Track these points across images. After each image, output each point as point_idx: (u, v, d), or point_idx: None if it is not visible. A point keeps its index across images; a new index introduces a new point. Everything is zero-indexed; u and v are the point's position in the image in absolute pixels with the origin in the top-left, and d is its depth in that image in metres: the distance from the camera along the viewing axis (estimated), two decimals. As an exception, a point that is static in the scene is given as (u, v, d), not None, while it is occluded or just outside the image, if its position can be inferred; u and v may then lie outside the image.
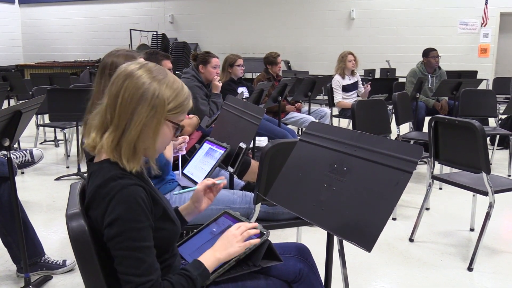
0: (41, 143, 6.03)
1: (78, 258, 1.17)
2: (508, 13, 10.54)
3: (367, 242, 1.18)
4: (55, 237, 3.03)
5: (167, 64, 2.79)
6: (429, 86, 5.51)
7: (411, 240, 2.99)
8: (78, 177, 4.38)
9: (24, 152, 2.99)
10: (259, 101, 4.06)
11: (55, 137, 6.11)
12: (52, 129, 5.78)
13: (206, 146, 2.33)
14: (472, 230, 3.18)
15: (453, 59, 10.14)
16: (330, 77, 5.85)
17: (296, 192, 1.45)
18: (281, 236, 2.96)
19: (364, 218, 1.22)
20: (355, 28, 11.72)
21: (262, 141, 4.15)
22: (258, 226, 1.41)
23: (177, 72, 6.64)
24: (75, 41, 14.66)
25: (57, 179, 4.38)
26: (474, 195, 3.16)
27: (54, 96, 4.26)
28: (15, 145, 4.43)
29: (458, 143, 2.72)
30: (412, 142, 4.14)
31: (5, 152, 2.12)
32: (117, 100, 1.21)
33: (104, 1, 14.17)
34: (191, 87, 3.56)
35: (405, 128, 4.87)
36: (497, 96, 4.96)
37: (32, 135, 5.94)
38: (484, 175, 2.56)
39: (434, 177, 3.02)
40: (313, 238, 2.79)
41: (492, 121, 5.54)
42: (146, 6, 13.82)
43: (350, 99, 5.49)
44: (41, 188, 4.16)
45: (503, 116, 5.48)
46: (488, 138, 4.22)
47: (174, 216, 1.34)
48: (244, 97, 4.23)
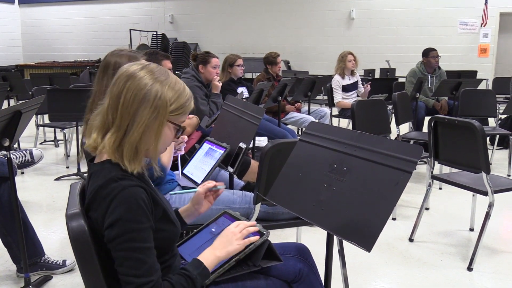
0: (41, 143, 6.02)
1: (78, 258, 1.18)
2: (508, 13, 10.55)
3: (367, 242, 1.18)
4: (55, 237, 3.03)
5: (167, 64, 2.79)
6: (429, 86, 5.51)
7: (411, 240, 2.99)
8: (78, 177, 4.38)
9: (24, 152, 2.99)
10: (259, 101, 4.06)
11: (55, 137, 6.11)
12: (52, 129, 5.78)
13: (206, 146, 2.33)
14: (472, 230, 3.18)
15: (453, 59, 10.14)
16: (330, 77, 5.85)
17: (296, 192, 1.45)
18: (281, 236, 2.97)
19: (364, 218, 1.22)
20: (355, 28, 11.72)
21: (262, 141, 4.15)
22: (258, 226, 1.41)
23: (177, 72, 6.64)
24: (75, 41, 14.66)
25: (57, 179, 4.38)
26: (473, 195, 3.16)
27: (54, 96, 4.26)
28: (15, 145, 4.43)
29: (458, 143, 2.72)
30: (411, 142, 4.14)
31: (5, 152, 2.12)
32: (119, 101, 1.21)
33: (104, 1, 14.17)
34: (191, 87, 3.56)
35: (405, 128, 4.87)
36: (496, 96, 4.96)
37: (32, 135, 5.94)
38: (483, 175, 2.56)
39: (434, 177, 3.02)
40: (313, 238, 2.79)
41: (492, 121, 5.54)
42: (146, 6, 13.82)
43: (350, 99, 5.49)
44: (41, 188, 4.16)
45: (502, 116, 5.48)
46: (487, 138, 4.22)
47: (174, 217, 1.34)
48: (244, 97, 4.23)
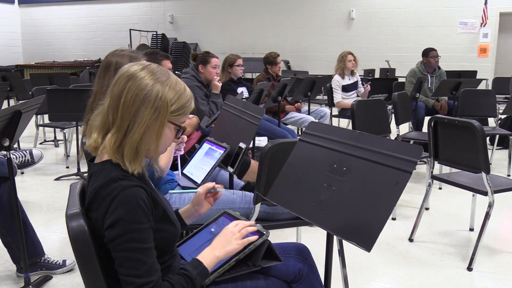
0: (40, 143, 6.02)
1: (78, 258, 1.18)
2: (508, 13, 10.55)
3: (367, 242, 1.18)
4: (55, 237, 3.03)
5: (167, 64, 2.78)
6: (429, 86, 5.51)
7: (410, 240, 2.99)
8: (78, 177, 4.38)
9: (24, 152, 2.99)
10: (259, 101, 4.06)
11: (54, 137, 6.11)
12: (52, 129, 5.78)
13: (205, 146, 2.33)
14: (471, 230, 3.18)
15: (453, 59, 10.14)
16: (330, 77, 5.85)
17: (296, 192, 1.45)
18: (281, 236, 2.97)
19: (363, 218, 1.22)
20: (354, 28, 11.72)
21: (261, 141, 4.15)
22: (258, 226, 1.41)
23: (176, 72, 6.64)
24: (74, 41, 14.66)
25: (57, 179, 4.38)
26: (473, 195, 3.16)
27: (54, 96, 4.26)
28: (15, 145, 4.43)
29: (458, 143, 2.72)
30: (411, 142, 4.14)
31: (5, 152, 2.12)
32: (119, 101, 1.21)
33: (103, 1, 14.17)
34: (191, 87, 3.55)
35: (405, 128, 4.87)
36: (496, 96, 4.97)
37: (32, 135, 5.94)
38: (483, 175, 2.56)
39: (433, 177, 3.02)
40: (313, 238, 2.80)
41: (491, 121, 5.54)
42: (145, 6, 13.82)
43: (350, 99, 5.49)
44: (40, 188, 4.15)
45: (502, 116, 5.48)
46: (487, 138, 4.22)
47: (174, 218, 1.34)
48: (243, 97, 4.23)
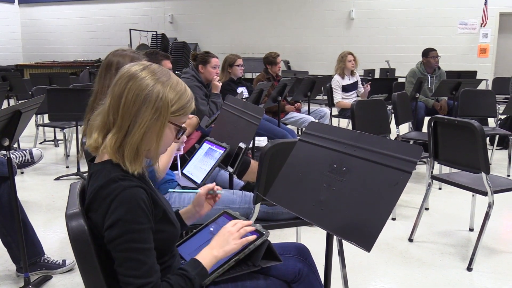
0: (40, 143, 6.02)
1: (77, 258, 1.17)
2: (508, 13, 10.55)
3: (367, 242, 1.18)
4: (54, 237, 3.03)
5: (167, 64, 2.79)
6: (429, 86, 5.51)
7: (410, 240, 2.99)
8: (78, 177, 4.38)
9: (23, 152, 2.99)
10: (259, 101, 4.06)
11: (54, 137, 6.11)
12: (52, 129, 5.78)
13: (205, 146, 2.33)
14: (471, 230, 3.18)
15: (453, 59, 10.14)
16: (330, 77, 5.85)
17: (296, 192, 1.45)
18: (281, 236, 2.97)
19: (363, 218, 1.23)
20: (354, 28, 11.72)
21: (261, 141, 4.15)
22: (258, 226, 1.41)
23: (176, 72, 6.64)
24: (74, 41, 14.65)
25: (57, 179, 4.38)
26: (473, 195, 3.16)
27: (54, 96, 4.26)
28: (15, 145, 4.43)
29: (458, 143, 2.72)
30: (411, 142, 4.14)
31: (5, 152, 2.12)
32: (120, 101, 1.20)
33: (103, 1, 14.16)
34: (191, 87, 3.55)
35: (405, 128, 4.87)
36: (496, 96, 4.97)
37: (32, 135, 5.94)
38: (483, 175, 2.56)
39: (433, 177, 3.02)
40: (313, 238, 2.80)
41: (491, 121, 5.54)
42: (145, 6, 13.82)
43: (350, 99, 5.49)
44: (40, 188, 4.15)
45: (502, 116, 5.48)
46: (487, 138, 4.22)
47: (174, 218, 1.34)
48: (243, 97, 4.23)
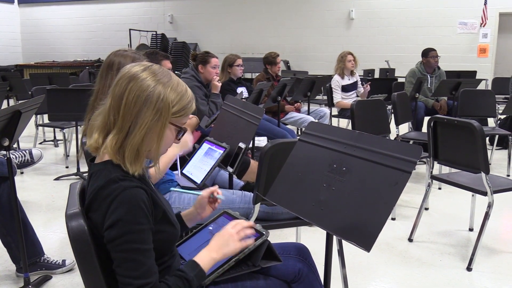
0: (40, 143, 6.02)
1: (77, 258, 1.17)
2: (507, 13, 10.55)
3: (366, 242, 1.18)
4: (54, 237, 3.03)
5: (166, 64, 2.79)
6: (428, 86, 5.51)
7: (410, 240, 2.99)
8: (78, 177, 4.38)
9: (23, 152, 2.99)
10: (259, 101, 4.06)
11: (54, 137, 6.10)
12: (52, 129, 5.77)
13: (205, 146, 2.33)
14: (471, 230, 3.18)
15: (452, 59, 10.14)
16: (330, 77, 5.85)
17: (296, 192, 1.45)
18: (281, 236, 2.97)
19: (363, 218, 1.23)
20: (354, 28, 11.73)
21: (261, 141, 4.15)
22: (258, 226, 1.41)
23: (176, 72, 6.63)
24: (74, 41, 14.65)
25: (57, 179, 4.38)
26: (473, 195, 3.16)
27: (54, 96, 4.26)
28: (15, 145, 4.43)
29: (457, 143, 2.73)
30: (411, 142, 4.15)
31: (5, 152, 2.12)
32: (121, 102, 1.20)
33: (103, 1, 14.16)
34: (191, 87, 3.53)
35: (404, 128, 4.88)
36: (496, 96, 4.97)
37: (32, 135, 5.94)
38: (483, 175, 2.56)
39: (433, 177, 3.02)
40: (313, 238, 2.80)
41: (491, 121, 5.55)
42: (145, 6, 13.82)
43: (350, 99, 5.50)
44: (40, 188, 4.15)
45: (502, 116, 5.48)
46: (487, 138, 4.22)
47: (174, 219, 1.34)
48: (243, 97, 4.23)
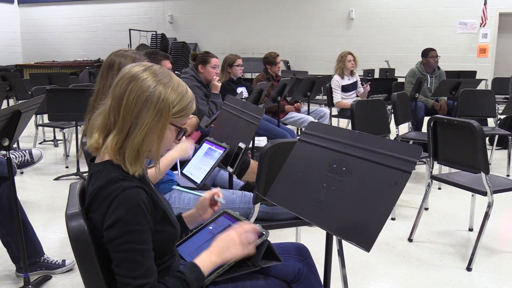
0: (40, 143, 6.02)
1: (77, 258, 1.17)
2: (507, 13, 10.56)
3: (366, 242, 1.18)
4: (54, 237, 3.03)
5: (166, 64, 2.79)
6: (428, 86, 5.51)
7: (410, 240, 2.99)
8: (78, 177, 4.38)
9: (23, 152, 2.99)
10: (258, 101, 4.06)
11: (54, 137, 6.10)
12: (51, 129, 5.77)
13: (205, 146, 2.33)
14: (471, 230, 3.18)
15: (452, 59, 10.14)
16: (329, 77, 5.86)
17: (295, 192, 1.45)
18: (280, 236, 2.97)
19: (363, 218, 1.23)
20: (354, 28, 11.73)
21: (261, 141, 4.15)
22: (258, 226, 1.41)
23: (176, 72, 6.63)
24: (74, 41, 14.65)
25: (56, 179, 4.38)
26: (473, 195, 3.16)
27: (54, 96, 4.26)
28: (15, 145, 4.43)
29: (457, 143, 2.73)
30: (411, 142, 4.15)
31: (5, 152, 2.12)
32: (121, 102, 1.20)
33: (103, 1, 14.16)
34: (191, 87, 3.54)
35: (404, 128, 4.88)
36: (496, 96, 4.97)
37: (31, 135, 5.94)
38: (483, 175, 2.56)
39: (433, 177, 3.02)
40: (312, 238, 2.80)
41: (491, 121, 5.55)
42: (145, 6, 13.82)
43: (349, 99, 5.50)
44: (40, 188, 4.15)
45: (502, 116, 5.49)
46: (487, 138, 4.22)
47: (174, 219, 1.33)
48: (243, 97, 4.23)
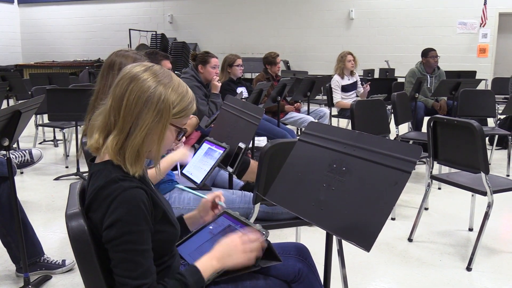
0: (40, 143, 6.02)
1: (77, 258, 1.17)
2: (507, 13, 10.56)
3: (366, 242, 1.18)
4: (54, 237, 3.03)
5: (166, 64, 2.79)
6: (428, 86, 5.51)
7: (410, 240, 2.99)
8: (77, 177, 4.37)
9: (23, 152, 2.99)
10: (258, 101, 4.06)
11: (54, 137, 6.10)
12: (51, 129, 5.77)
13: (205, 146, 2.33)
14: (471, 230, 3.18)
15: (452, 59, 10.15)
16: (329, 77, 5.86)
17: (295, 192, 1.45)
18: (280, 236, 2.97)
19: (363, 218, 1.23)
20: (354, 28, 11.73)
21: (261, 141, 4.15)
22: (258, 226, 1.41)
23: (176, 72, 6.63)
24: (74, 41, 14.65)
25: (56, 179, 4.38)
26: (473, 195, 3.16)
27: (53, 96, 4.26)
28: (14, 145, 4.43)
29: (457, 143, 2.73)
30: (411, 142, 4.15)
31: (5, 152, 2.12)
32: (121, 103, 1.20)
33: (103, 1, 14.16)
34: (191, 87, 3.54)
35: (404, 128, 4.88)
36: (496, 96, 4.97)
37: (31, 135, 5.94)
38: (482, 175, 2.56)
39: (433, 177, 3.02)
40: (312, 238, 2.80)
41: (491, 121, 5.55)
42: (145, 6, 13.82)
43: (349, 99, 5.50)
44: (40, 188, 4.15)
45: (501, 116, 5.49)
46: (486, 138, 4.22)
47: (174, 219, 1.33)
48: (243, 97, 4.23)
